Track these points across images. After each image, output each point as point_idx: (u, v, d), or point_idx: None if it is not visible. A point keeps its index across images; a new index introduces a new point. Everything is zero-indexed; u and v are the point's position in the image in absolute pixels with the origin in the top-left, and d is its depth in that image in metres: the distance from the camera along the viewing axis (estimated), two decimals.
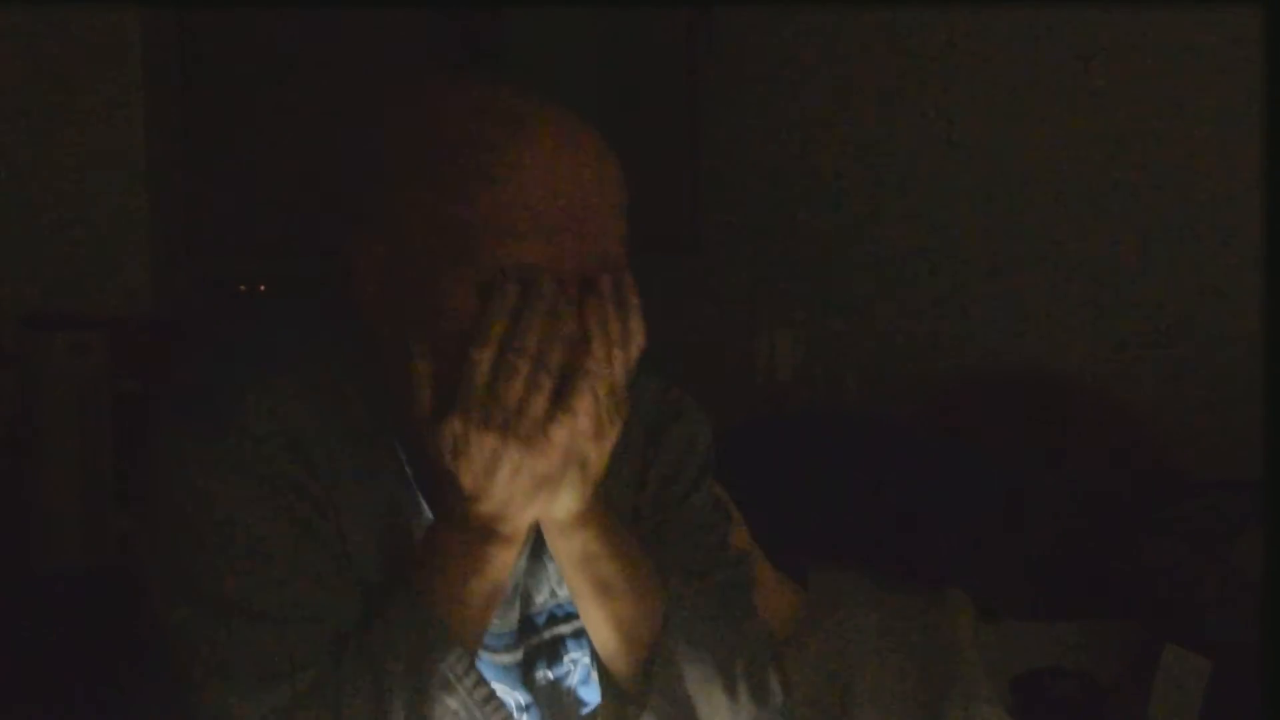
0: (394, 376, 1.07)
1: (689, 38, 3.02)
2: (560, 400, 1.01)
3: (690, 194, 3.03)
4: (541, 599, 1.21)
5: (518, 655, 1.19)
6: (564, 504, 1.08)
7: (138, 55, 2.68)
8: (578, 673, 1.22)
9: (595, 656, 1.19)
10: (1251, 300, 1.87)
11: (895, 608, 2.09)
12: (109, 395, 2.35)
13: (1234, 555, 1.94)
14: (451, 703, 1.06)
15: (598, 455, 1.05)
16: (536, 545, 1.17)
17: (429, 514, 1.13)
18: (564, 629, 1.21)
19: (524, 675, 1.20)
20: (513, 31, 3.16)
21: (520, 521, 1.07)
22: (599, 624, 1.16)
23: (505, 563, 1.08)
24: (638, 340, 1.06)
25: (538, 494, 1.05)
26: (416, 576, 1.07)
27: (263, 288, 3.04)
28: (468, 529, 1.06)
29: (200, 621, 1.04)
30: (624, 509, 1.22)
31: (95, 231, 2.65)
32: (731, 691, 1.18)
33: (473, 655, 1.08)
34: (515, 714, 1.17)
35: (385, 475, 1.12)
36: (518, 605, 1.19)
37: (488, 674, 1.10)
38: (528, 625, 1.20)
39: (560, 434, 1.02)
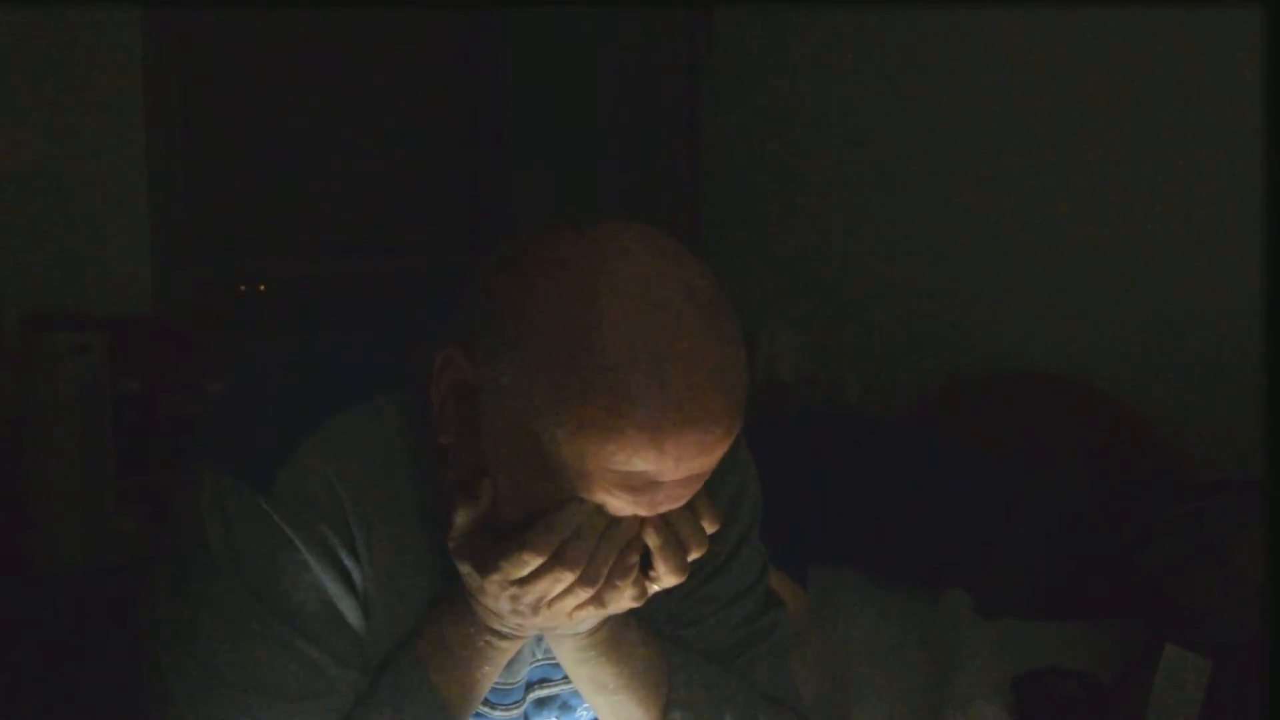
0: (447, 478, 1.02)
1: (689, 38, 3.02)
2: (594, 598, 1.00)
3: (690, 194, 3.03)
4: (544, 653, 1.19)
5: (522, 708, 1.19)
6: (569, 631, 1.08)
7: (138, 55, 2.68)
8: None
9: None
10: (1251, 300, 1.87)
11: (895, 608, 2.10)
12: (109, 395, 2.35)
13: (1234, 555, 1.94)
14: None
15: (620, 609, 1.04)
16: None
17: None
18: (568, 686, 1.19)
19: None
20: (513, 31, 3.16)
21: (528, 630, 1.07)
22: (599, 708, 1.16)
23: (507, 654, 1.10)
24: (700, 549, 1.01)
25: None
26: (425, 658, 1.07)
27: (262, 288, 3.04)
28: (479, 626, 1.06)
29: (194, 681, 1.01)
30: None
31: (95, 231, 2.65)
32: None
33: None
34: None
35: (423, 542, 1.07)
36: (526, 663, 1.18)
37: None
38: (531, 678, 1.20)
39: (584, 617, 1.02)
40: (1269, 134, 1.50)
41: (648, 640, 1.14)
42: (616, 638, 1.11)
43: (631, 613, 1.08)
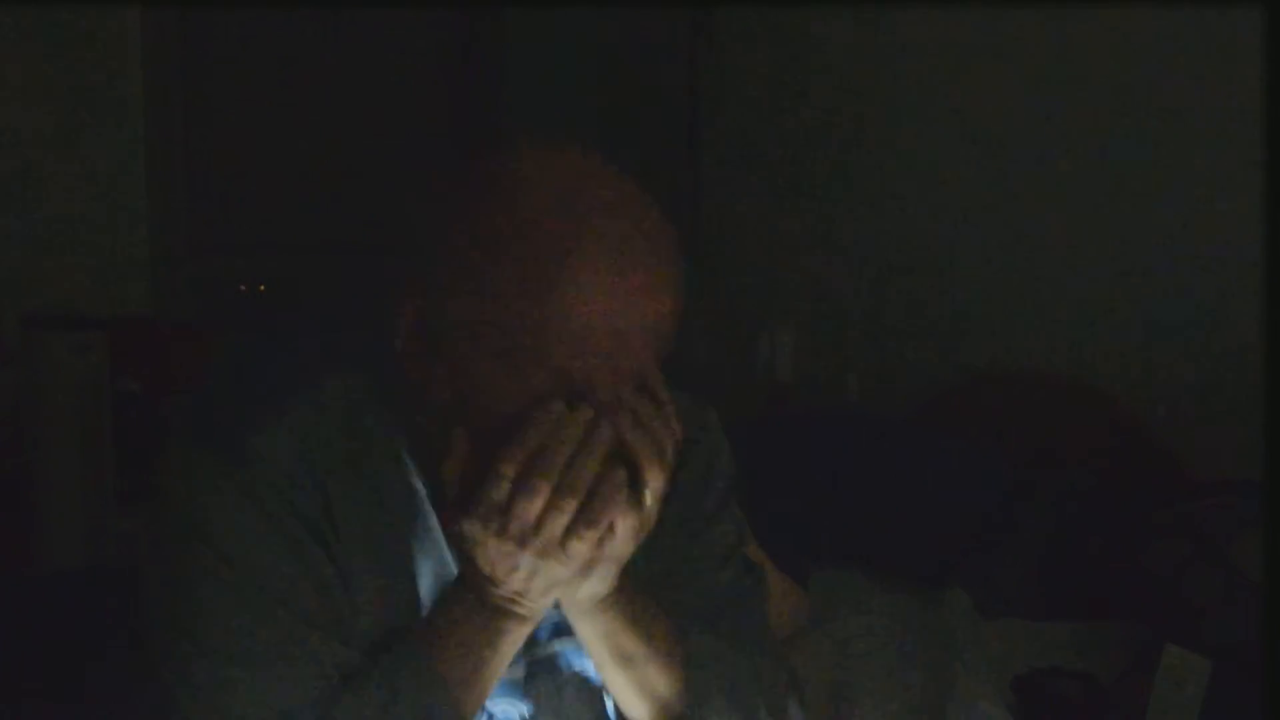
0: (429, 435, 1.06)
1: (689, 38, 3.02)
2: (584, 514, 0.99)
3: (690, 194, 3.03)
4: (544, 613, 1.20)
5: (521, 669, 1.19)
6: (588, 592, 1.08)
7: (138, 55, 2.68)
8: (578, 683, 1.22)
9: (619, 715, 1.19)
10: (1251, 300, 1.87)
11: (895, 608, 2.10)
12: (109, 395, 2.35)
13: (1234, 555, 1.94)
14: None
15: (627, 548, 1.04)
16: None
17: (445, 552, 1.11)
18: (568, 644, 1.20)
19: (526, 687, 1.20)
20: (513, 31, 3.16)
21: (538, 606, 1.06)
22: (621, 688, 1.17)
23: (518, 640, 1.09)
24: (674, 439, 1.04)
25: (555, 589, 1.05)
26: (427, 643, 1.06)
27: (263, 288, 3.04)
28: (484, 607, 1.06)
29: (192, 661, 1.03)
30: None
31: (95, 231, 2.65)
32: None
33: None
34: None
35: (397, 507, 1.10)
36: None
37: (494, 690, 1.12)
38: (531, 640, 1.19)
39: (580, 548, 1.00)
40: (1269, 134, 1.50)
41: (658, 610, 1.15)
42: (632, 602, 1.12)
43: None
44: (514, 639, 1.08)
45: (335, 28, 2.99)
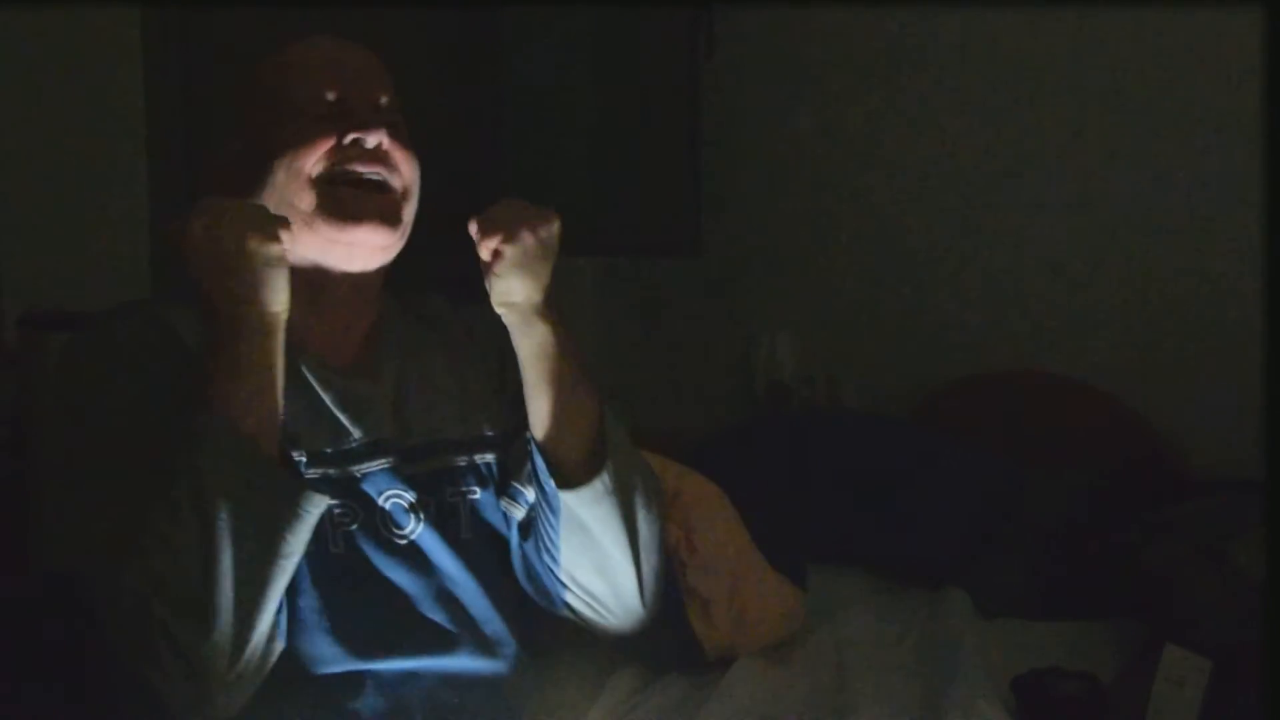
0: None
1: (689, 38, 3.01)
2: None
3: (690, 194, 3.02)
4: (416, 427, 1.42)
5: (390, 462, 1.37)
6: (526, 291, 1.36)
7: (138, 55, 2.68)
8: (468, 501, 1.43)
9: (537, 449, 1.39)
10: (1251, 300, 1.87)
11: (895, 608, 2.10)
12: None
13: (1234, 555, 1.94)
14: (267, 503, 1.20)
15: (538, 241, 1.36)
16: (346, 380, 1.39)
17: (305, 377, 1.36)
18: (450, 459, 1.43)
19: (424, 487, 1.39)
20: (513, 31, 3.15)
21: (253, 305, 1.23)
22: (546, 414, 1.39)
23: (265, 352, 1.24)
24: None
25: (243, 277, 1.23)
26: (199, 397, 1.22)
27: None
28: (221, 332, 1.23)
29: (63, 478, 1.28)
30: (495, 413, 1.48)
31: (95, 231, 2.65)
32: (646, 496, 1.43)
33: (263, 449, 1.21)
34: (405, 512, 1.37)
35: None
36: (350, 427, 1.37)
37: (381, 483, 1.34)
38: (417, 453, 1.40)
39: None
40: (1269, 134, 1.50)
41: (585, 359, 1.42)
42: (565, 334, 1.39)
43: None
44: (261, 352, 1.24)
45: (335, 28, 2.99)
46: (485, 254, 1.38)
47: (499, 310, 1.40)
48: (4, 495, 2.35)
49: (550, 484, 1.38)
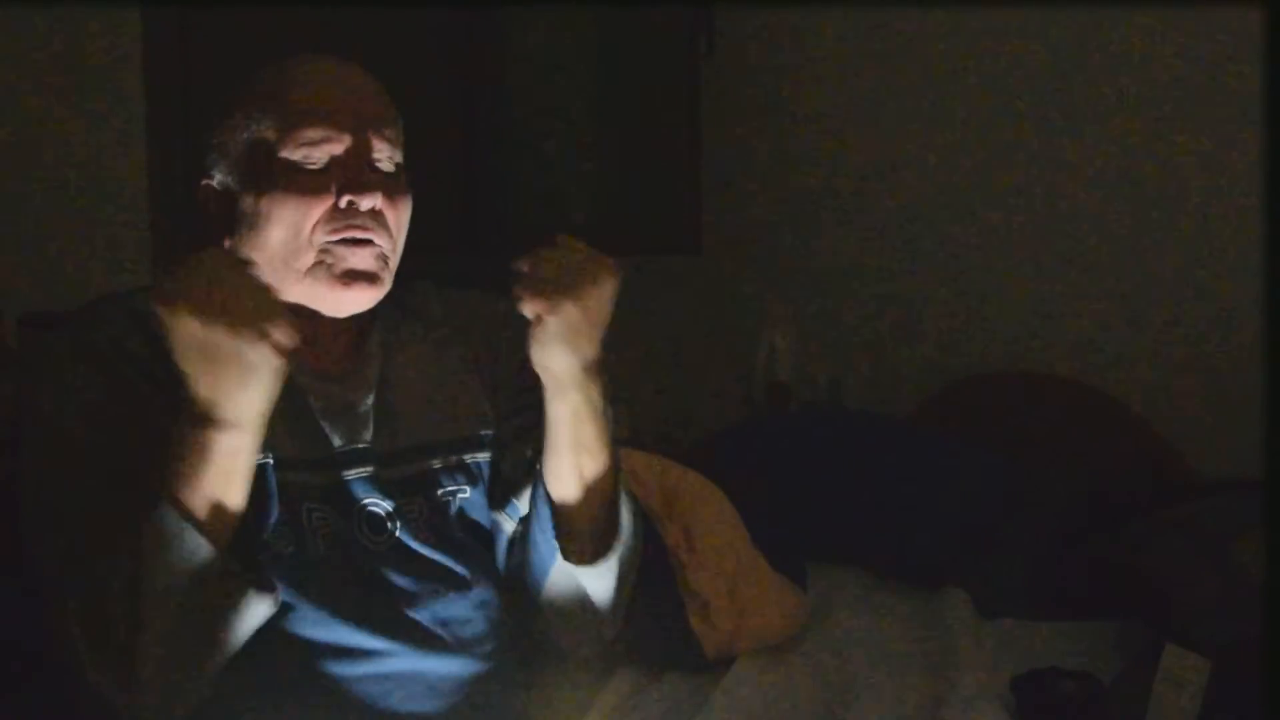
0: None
1: (689, 38, 3.02)
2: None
3: (690, 194, 3.02)
4: (394, 439, 1.39)
5: (370, 470, 1.36)
6: (567, 363, 1.31)
7: (138, 55, 2.68)
8: (458, 500, 1.42)
9: (551, 508, 1.36)
10: (1252, 300, 1.87)
11: (895, 608, 2.09)
12: None
13: (1234, 555, 1.93)
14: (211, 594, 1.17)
15: (582, 313, 1.28)
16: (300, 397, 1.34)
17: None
18: (435, 462, 1.41)
19: (408, 491, 1.38)
20: (513, 31, 3.15)
21: (232, 403, 1.16)
22: (563, 478, 1.36)
23: (233, 449, 1.17)
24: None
25: (233, 383, 1.16)
26: (164, 480, 1.17)
27: None
28: (193, 418, 1.16)
29: (40, 495, 1.26)
30: (487, 410, 1.45)
31: (95, 231, 2.65)
32: (639, 557, 1.42)
33: (217, 549, 1.17)
34: (382, 520, 1.36)
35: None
36: (331, 435, 1.37)
37: (358, 491, 1.34)
38: (401, 457, 1.39)
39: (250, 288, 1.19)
40: (1269, 134, 1.50)
41: (610, 416, 1.38)
42: (599, 396, 1.34)
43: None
44: (224, 449, 1.17)
45: (335, 27, 2.99)
46: (528, 314, 1.30)
47: (537, 370, 1.34)
48: (4, 495, 2.35)
49: (554, 547, 1.37)
